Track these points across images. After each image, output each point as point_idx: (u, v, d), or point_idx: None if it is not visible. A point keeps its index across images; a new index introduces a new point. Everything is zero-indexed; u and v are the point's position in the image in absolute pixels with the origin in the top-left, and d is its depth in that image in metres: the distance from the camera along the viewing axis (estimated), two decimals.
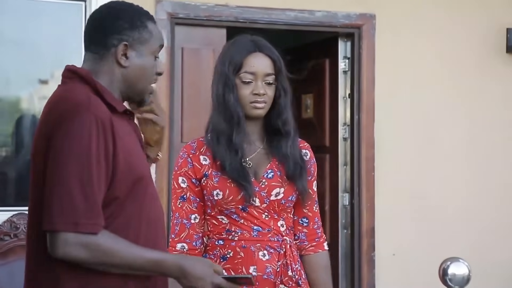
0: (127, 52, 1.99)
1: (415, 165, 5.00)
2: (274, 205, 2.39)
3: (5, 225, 3.92)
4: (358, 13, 4.88)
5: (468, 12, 5.11)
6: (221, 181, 2.36)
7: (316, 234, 2.53)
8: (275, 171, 2.42)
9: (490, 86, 5.15)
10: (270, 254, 2.37)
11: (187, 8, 4.56)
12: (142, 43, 2.01)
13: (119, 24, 1.99)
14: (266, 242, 2.38)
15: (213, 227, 2.40)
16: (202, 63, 4.71)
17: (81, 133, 1.83)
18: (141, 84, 2.04)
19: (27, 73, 4.40)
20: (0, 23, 3.61)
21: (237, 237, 2.37)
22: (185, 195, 2.40)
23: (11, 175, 4.37)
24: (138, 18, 2.01)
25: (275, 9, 4.71)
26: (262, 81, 2.40)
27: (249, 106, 2.39)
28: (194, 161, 2.41)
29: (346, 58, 5.03)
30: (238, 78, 2.40)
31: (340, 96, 5.06)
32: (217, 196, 2.36)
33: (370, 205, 4.89)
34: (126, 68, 2.00)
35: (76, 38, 4.26)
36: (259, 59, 2.41)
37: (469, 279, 2.82)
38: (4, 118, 4.35)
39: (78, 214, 1.81)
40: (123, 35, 1.98)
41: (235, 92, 2.39)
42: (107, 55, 1.99)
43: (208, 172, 2.39)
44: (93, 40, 2.01)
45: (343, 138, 5.05)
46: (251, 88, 2.39)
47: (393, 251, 4.91)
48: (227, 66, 2.41)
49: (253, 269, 2.35)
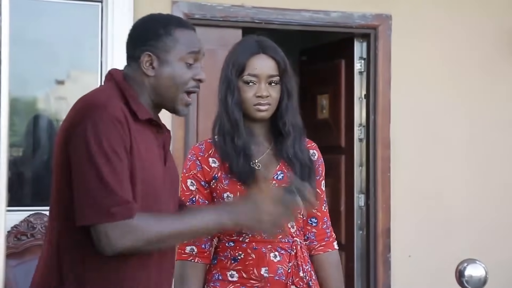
0: (153, 62, 2.01)
1: (430, 166, 4.98)
2: None
3: (22, 225, 3.95)
4: (374, 14, 4.87)
5: (486, 11, 5.09)
6: (231, 183, 2.36)
7: (325, 233, 2.53)
8: (284, 172, 2.42)
9: (504, 86, 5.13)
10: (281, 255, 2.37)
11: (203, 8, 4.57)
12: (168, 51, 2.01)
13: (144, 34, 2.03)
14: (277, 243, 2.37)
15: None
16: (218, 63, 4.64)
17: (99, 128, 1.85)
18: (171, 92, 2.04)
19: (44, 73, 4.42)
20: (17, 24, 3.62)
21: (248, 239, 2.37)
22: (194, 198, 2.40)
23: (27, 175, 4.39)
24: (162, 26, 2.02)
25: (290, 10, 4.71)
26: (266, 83, 2.38)
27: (253, 108, 2.38)
28: (203, 163, 2.40)
29: (362, 58, 5.02)
30: (241, 80, 2.39)
31: (356, 97, 5.05)
32: (227, 198, 2.35)
33: (386, 205, 4.87)
34: (153, 77, 2.01)
35: (93, 38, 4.28)
36: (263, 61, 2.40)
37: (486, 281, 2.81)
38: (20, 118, 4.36)
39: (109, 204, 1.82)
40: (147, 46, 2.01)
41: (236, 95, 2.38)
42: (136, 65, 2.02)
43: (217, 175, 2.38)
44: (127, 50, 2.07)
45: (359, 139, 5.04)
46: (254, 90, 2.38)
47: (409, 252, 4.90)
48: (230, 69, 2.41)
49: (265, 270, 2.34)
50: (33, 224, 3.95)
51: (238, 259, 2.37)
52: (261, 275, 2.34)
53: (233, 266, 2.37)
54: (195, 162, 2.41)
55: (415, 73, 4.96)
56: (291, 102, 2.45)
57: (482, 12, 5.09)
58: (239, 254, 2.37)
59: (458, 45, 5.04)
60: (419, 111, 4.96)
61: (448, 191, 5.00)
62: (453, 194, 5.01)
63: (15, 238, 3.91)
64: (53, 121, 4.41)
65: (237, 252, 2.37)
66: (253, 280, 2.35)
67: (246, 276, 2.35)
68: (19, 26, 3.89)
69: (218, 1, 4.58)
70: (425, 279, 4.88)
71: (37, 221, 3.96)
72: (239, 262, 2.37)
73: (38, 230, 3.95)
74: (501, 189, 5.10)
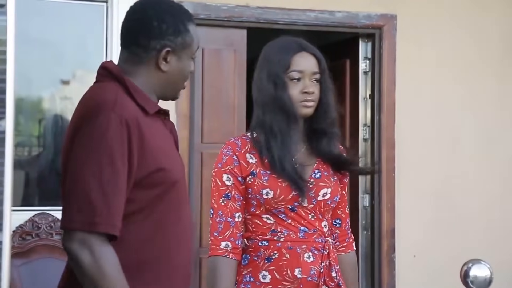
0: (168, 57, 1.97)
1: (435, 166, 4.97)
2: (321, 205, 2.37)
3: (27, 225, 3.96)
4: (379, 14, 4.87)
5: (490, 11, 5.08)
6: (271, 180, 2.32)
7: (347, 234, 2.54)
8: (321, 171, 2.40)
9: (510, 85, 5.12)
10: (314, 255, 2.34)
11: (208, 8, 4.57)
12: (184, 48, 1.99)
13: (163, 28, 1.96)
14: (312, 243, 2.35)
15: (256, 227, 2.36)
16: (223, 63, 4.72)
17: (102, 132, 1.81)
18: (178, 85, 2.04)
19: (49, 73, 4.42)
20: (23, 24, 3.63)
21: (283, 238, 2.33)
22: (230, 193, 2.35)
23: (33, 175, 4.40)
24: (181, 22, 1.99)
25: (295, 10, 4.71)
26: (310, 80, 2.38)
27: (299, 104, 2.36)
28: (241, 159, 2.36)
29: (366, 58, 5.02)
30: (287, 77, 2.36)
31: (361, 97, 5.05)
32: (266, 195, 2.31)
33: (391, 206, 4.87)
34: (165, 72, 1.99)
35: (98, 38, 4.28)
36: (306, 58, 2.40)
37: (491, 281, 2.81)
38: (26, 118, 4.37)
39: (95, 213, 1.79)
40: (167, 41, 1.96)
41: (287, 91, 2.35)
42: (147, 58, 1.97)
43: (256, 171, 2.34)
44: (134, 40, 1.98)
45: (364, 139, 5.03)
46: (300, 87, 2.36)
47: (413, 252, 4.89)
48: (276, 65, 2.37)
49: (298, 271, 2.32)
50: (38, 224, 3.96)
51: (272, 259, 2.33)
52: (295, 276, 2.31)
53: (266, 266, 2.33)
54: (232, 157, 2.36)
55: (420, 73, 4.95)
56: (331, 100, 2.44)
57: (487, 12, 5.08)
58: (273, 254, 2.33)
59: (463, 44, 5.03)
60: (424, 111, 4.96)
61: (453, 191, 5.00)
62: (458, 194, 5.00)
63: (20, 238, 3.91)
64: (59, 121, 4.41)
65: (271, 252, 2.33)
66: (286, 282, 2.32)
67: (279, 277, 2.32)
68: (24, 26, 3.89)
69: (223, 1, 4.58)
70: (429, 279, 4.87)
71: (42, 221, 3.97)
72: (273, 262, 2.32)
73: (43, 230, 3.95)
74: (506, 189, 5.09)
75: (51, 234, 3.95)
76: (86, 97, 1.95)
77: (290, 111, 2.34)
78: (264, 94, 2.37)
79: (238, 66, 4.71)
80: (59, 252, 3.89)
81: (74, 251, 1.80)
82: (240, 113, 4.72)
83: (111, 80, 1.95)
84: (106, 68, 1.98)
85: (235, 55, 4.73)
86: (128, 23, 2.01)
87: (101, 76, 1.99)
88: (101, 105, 1.86)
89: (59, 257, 3.82)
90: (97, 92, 1.93)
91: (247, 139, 2.40)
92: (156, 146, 1.90)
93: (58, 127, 4.40)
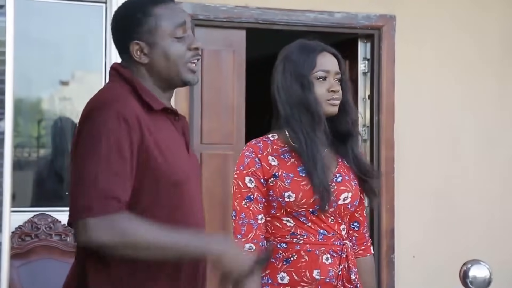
0: (143, 49, 1.96)
1: (435, 166, 4.97)
2: (341, 209, 2.37)
3: (26, 226, 3.96)
4: (378, 14, 4.87)
5: (490, 11, 5.08)
6: (293, 182, 2.32)
7: (364, 238, 2.53)
8: (343, 175, 2.40)
9: (509, 86, 5.12)
10: (332, 258, 2.34)
11: (207, 9, 4.57)
12: (152, 33, 1.96)
13: (125, 24, 1.98)
14: (330, 246, 2.35)
15: (275, 230, 2.35)
16: (222, 64, 4.72)
17: (102, 126, 1.82)
18: (171, 70, 1.99)
19: (48, 74, 4.42)
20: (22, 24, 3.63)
21: (303, 241, 2.33)
22: (252, 196, 2.34)
23: (32, 176, 4.39)
24: (140, 10, 1.97)
25: (294, 11, 4.71)
26: (334, 79, 2.39)
27: (326, 103, 2.36)
28: (263, 161, 2.34)
29: (366, 59, 5.02)
30: (313, 76, 2.37)
31: (360, 98, 5.05)
32: (288, 198, 2.31)
33: (390, 206, 4.87)
34: (148, 64, 1.97)
35: (97, 39, 4.28)
36: (329, 58, 2.41)
37: (490, 282, 2.81)
38: (25, 118, 4.37)
39: (91, 198, 1.77)
40: (132, 33, 1.96)
41: (313, 91, 2.35)
42: (128, 57, 1.99)
43: (278, 173, 2.33)
44: (116, 45, 2.03)
45: (363, 140, 5.03)
46: (327, 86, 2.37)
47: (412, 252, 4.89)
48: (301, 66, 2.37)
49: (317, 273, 2.31)
50: (37, 225, 3.95)
51: (291, 260, 2.32)
52: (313, 277, 2.31)
53: (285, 267, 2.32)
54: (254, 159, 2.35)
55: (419, 73, 4.95)
56: (351, 100, 2.45)
57: (487, 12, 5.08)
58: (292, 256, 2.32)
59: (462, 45, 5.03)
60: (423, 111, 4.96)
61: (453, 192, 5.00)
62: (458, 194, 5.00)
63: (19, 239, 3.91)
64: (58, 121, 4.41)
65: (290, 254, 2.33)
66: (304, 283, 2.32)
67: (297, 278, 2.31)
68: (23, 26, 3.89)
69: (222, 2, 4.58)
70: (429, 279, 4.87)
71: (41, 221, 3.97)
72: (291, 264, 2.32)
73: (42, 231, 3.95)
74: (506, 189, 5.09)
75: (51, 235, 3.95)
76: (92, 97, 1.96)
77: (315, 111, 2.34)
78: (290, 95, 2.37)
79: (237, 67, 4.71)
80: (59, 253, 3.89)
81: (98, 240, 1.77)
82: (240, 114, 4.72)
83: (119, 80, 1.97)
84: (114, 69, 2.01)
85: (234, 56, 4.73)
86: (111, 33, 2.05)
87: (111, 77, 2.01)
88: (100, 103, 1.88)
89: (59, 258, 3.82)
90: (102, 92, 1.96)
91: (268, 141, 2.39)
92: (160, 142, 1.90)
93: (57, 128, 4.39)
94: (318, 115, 2.34)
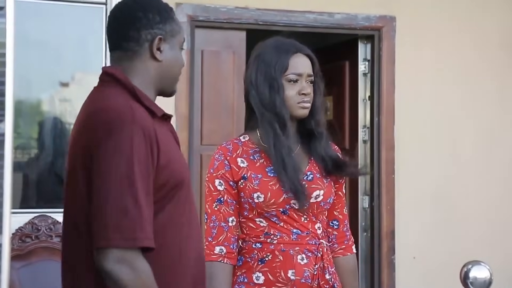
0: (161, 46, 1.97)
1: (435, 168, 4.97)
2: (314, 207, 2.37)
3: (26, 227, 3.95)
4: (378, 15, 4.87)
5: (490, 12, 5.08)
6: (261, 183, 2.33)
7: (345, 236, 2.53)
8: (314, 173, 2.41)
9: (509, 88, 5.12)
10: (308, 257, 2.35)
11: (207, 10, 4.57)
12: (174, 35, 1.99)
13: (150, 17, 1.96)
14: (305, 245, 2.35)
15: (250, 230, 2.37)
16: (222, 65, 4.72)
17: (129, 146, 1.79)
18: (174, 76, 2.02)
19: (48, 75, 4.42)
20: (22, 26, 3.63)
21: (276, 240, 2.34)
22: (222, 198, 2.36)
23: (32, 177, 4.39)
24: (165, 10, 1.99)
25: (294, 12, 4.71)
26: (305, 81, 2.39)
27: (296, 106, 2.37)
28: (232, 163, 2.37)
29: (366, 60, 5.02)
30: (285, 79, 2.37)
31: (360, 99, 5.05)
32: (257, 199, 2.32)
33: (390, 207, 4.87)
34: (161, 62, 1.97)
35: (97, 40, 4.27)
36: (302, 59, 2.41)
37: (491, 283, 2.81)
38: (25, 120, 4.37)
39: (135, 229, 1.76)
40: (156, 29, 1.96)
41: (281, 93, 2.36)
42: (141, 51, 1.96)
43: (247, 175, 2.35)
44: (124, 37, 1.97)
45: (363, 141, 5.04)
46: (298, 88, 2.37)
47: (413, 254, 4.89)
48: (273, 68, 2.37)
49: (292, 273, 2.32)
50: (38, 226, 3.95)
51: (265, 260, 2.34)
52: (288, 277, 2.31)
53: (260, 267, 2.34)
54: (223, 162, 2.37)
55: (419, 74, 4.96)
56: (322, 102, 2.46)
57: (487, 13, 5.08)
58: (266, 255, 2.34)
59: (462, 46, 5.03)
60: (423, 112, 4.96)
61: (453, 193, 5.00)
62: (458, 195, 5.00)
63: (19, 240, 3.91)
64: (58, 123, 4.40)
65: (264, 254, 2.34)
66: (280, 283, 2.33)
67: (272, 278, 2.32)
68: (23, 28, 3.89)
69: (222, 3, 4.58)
70: (429, 280, 4.87)
71: (42, 223, 3.97)
72: (266, 264, 2.34)
73: (43, 232, 3.95)
74: (506, 190, 5.09)
75: (51, 236, 3.95)
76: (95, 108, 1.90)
77: (280, 114, 2.34)
78: (260, 96, 2.38)
79: (237, 68, 4.72)
80: (59, 254, 3.88)
81: (114, 270, 1.76)
82: (239, 115, 4.71)
83: (115, 86, 1.94)
84: (109, 73, 1.97)
85: (234, 57, 4.73)
86: (113, 24, 2.01)
87: (104, 82, 1.97)
88: (120, 117, 1.82)
89: (59, 259, 3.81)
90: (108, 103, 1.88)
91: (239, 143, 2.41)
92: (166, 150, 1.89)
93: (57, 129, 4.39)
94: (282, 118, 2.35)
